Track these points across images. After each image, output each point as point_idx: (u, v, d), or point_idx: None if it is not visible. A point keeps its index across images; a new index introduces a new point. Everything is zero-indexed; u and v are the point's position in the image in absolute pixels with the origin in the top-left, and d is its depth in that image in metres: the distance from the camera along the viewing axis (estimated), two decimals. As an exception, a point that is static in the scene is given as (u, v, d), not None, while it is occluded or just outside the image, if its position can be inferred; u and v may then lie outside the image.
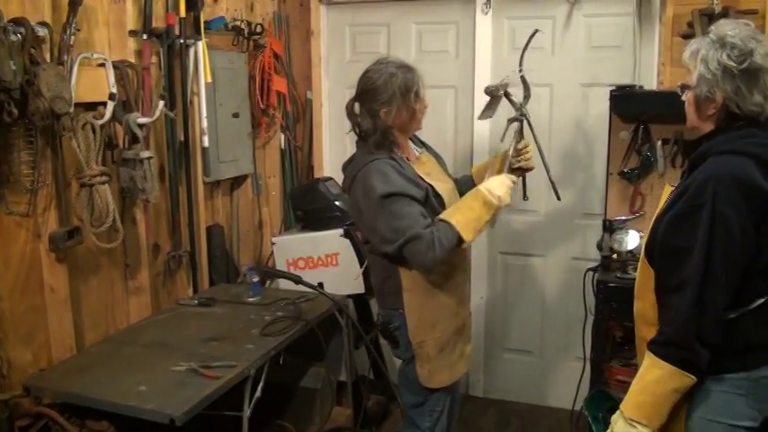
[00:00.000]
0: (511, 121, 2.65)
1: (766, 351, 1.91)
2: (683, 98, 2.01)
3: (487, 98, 2.66)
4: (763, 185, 1.82)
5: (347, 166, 2.62)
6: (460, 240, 2.41)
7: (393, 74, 2.49)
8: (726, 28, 1.90)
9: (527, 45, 2.69)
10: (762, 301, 1.89)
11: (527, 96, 2.69)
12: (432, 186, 2.53)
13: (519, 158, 2.68)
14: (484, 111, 2.64)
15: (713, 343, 1.83)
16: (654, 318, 1.99)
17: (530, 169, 2.73)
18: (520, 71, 2.68)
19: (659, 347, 1.88)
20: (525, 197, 2.79)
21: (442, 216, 2.45)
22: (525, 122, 2.65)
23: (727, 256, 1.81)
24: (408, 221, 2.39)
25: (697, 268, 1.81)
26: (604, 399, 2.40)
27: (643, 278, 2.06)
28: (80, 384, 2.43)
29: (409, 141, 2.70)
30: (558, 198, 2.79)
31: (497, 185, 2.49)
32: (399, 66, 2.53)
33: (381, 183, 2.41)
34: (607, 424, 2.01)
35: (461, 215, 2.44)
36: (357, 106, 2.59)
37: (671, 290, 1.89)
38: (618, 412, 1.95)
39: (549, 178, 2.72)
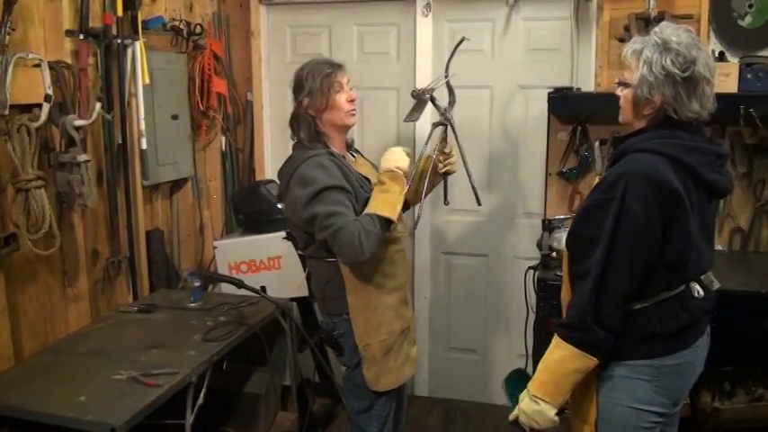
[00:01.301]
0: (435, 125, 2.70)
1: (670, 341, 2.01)
2: (619, 93, 2.07)
3: (414, 101, 2.68)
4: (674, 184, 1.90)
5: (283, 169, 2.61)
6: (384, 221, 2.43)
7: (309, 64, 2.59)
8: (669, 32, 1.96)
9: (453, 52, 2.72)
10: (667, 294, 1.99)
11: (452, 102, 2.74)
12: (371, 184, 2.57)
13: (445, 163, 2.72)
14: (410, 113, 2.66)
15: (612, 328, 1.94)
16: None
17: (451, 173, 2.77)
18: (446, 77, 2.72)
19: (562, 329, 2.00)
20: (446, 201, 2.83)
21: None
22: (449, 127, 2.69)
23: (630, 248, 1.90)
24: (343, 210, 2.40)
25: (600, 257, 1.91)
26: (524, 378, 2.48)
27: (566, 266, 2.15)
28: (18, 397, 2.36)
29: (345, 143, 2.71)
30: (479, 203, 2.83)
31: (389, 159, 2.56)
32: (323, 60, 2.62)
33: (323, 175, 2.42)
34: None
35: (375, 201, 2.48)
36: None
37: (579, 276, 2.00)
38: (525, 389, 2.06)
39: (471, 184, 2.76)
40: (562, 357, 1.98)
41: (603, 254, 1.91)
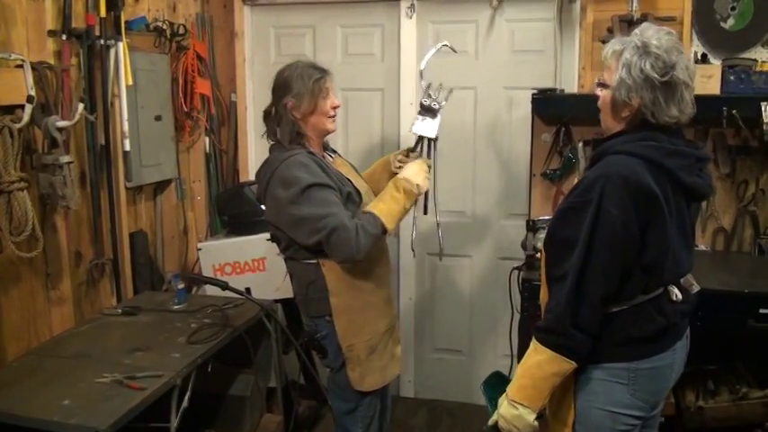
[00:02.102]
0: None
1: (646, 344, 2.01)
2: (598, 93, 2.06)
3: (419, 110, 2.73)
4: (652, 187, 1.89)
5: (261, 171, 2.60)
6: (384, 229, 2.45)
7: (296, 65, 2.57)
8: (650, 34, 1.95)
9: (430, 55, 2.76)
10: (643, 297, 1.99)
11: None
12: (351, 182, 2.57)
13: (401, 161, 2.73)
14: (420, 123, 2.69)
15: (590, 331, 1.93)
16: None
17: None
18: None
19: (540, 333, 1.99)
20: (425, 212, 2.83)
21: (365, 209, 2.49)
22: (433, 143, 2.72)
23: (607, 251, 1.90)
24: (334, 209, 2.40)
25: (577, 261, 1.90)
26: (502, 381, 2.48)
27: (543, 268, 2.14)
28: (1, 401, 2.34)
29: (322, 146, 2.71)
30: (425, 212, 2.84)
31: (415, 174, 2.57)
32: (309, 64, 2.61)
33: (305, 173, 2.41)
34: None
35: (384, 205, 2.50)
36: (273, 109, 2.60)
37: (555, 279, 1.99)
38: (504, 394, 2.06)
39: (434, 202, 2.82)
40: (540, 361, 1.97)
41: (581, 257, 1.90)
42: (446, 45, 2.77)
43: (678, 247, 2.02)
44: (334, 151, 2.82)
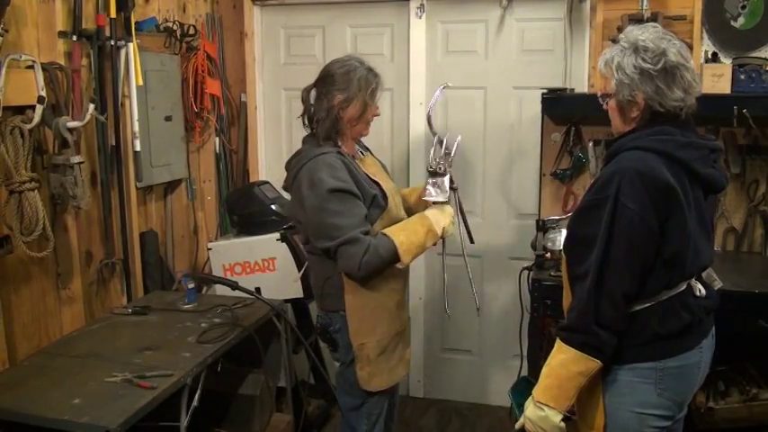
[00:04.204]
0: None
1: (672, 341, 1.99)
2: (605, 107, 2.08)
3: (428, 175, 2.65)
4: (668, 180, 1.89)
5: (291, 161, 2.59)
6: (397, 259, 2.45)
7: (356, 67, 2.55)
8: (635, 33, 1.98)
9: (434, 101, 2.69)
10: (668, 293, 1.98)
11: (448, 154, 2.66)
12: (379, 185, 2.56)
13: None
14: (431, 189, 2.61)
15: (613, 328, 1.92)
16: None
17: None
18: (432, 133, 2.67)
19: (563, 332, 1.98)
20: (471, 240, 2.84)
21: (386, 231, 2.48)
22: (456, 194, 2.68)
23: (627, 246, 1.89)
24: (352, 221, 2.40)
25: (597, 257, 1.90)
26: (529, 386, 2.45)
27: (564, 271, 2.13)
28: (12, 400, 2.35)
29: (355, 145, 2.71)
30: (472, 241, 2.85)
31: (443, 216, 2.58)
32: (363, 63, 2.59)
33: (330, 177, 2.41)
34: None
35: (405, 236, 2.48)
36: (313, 93, 2.58)
37: (577, 278, 1.98)
38: (530, 397, 2.04)
39: (465, 225, 2.81)
40: (564, 361, 1.95)
41: (600, 253, 1.89)
42: (448, 86, 2.71)
43: (698, 239, 2.01)
44: (366, 148, 2.82)
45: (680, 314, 1.98)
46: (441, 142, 2.61)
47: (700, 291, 2.03)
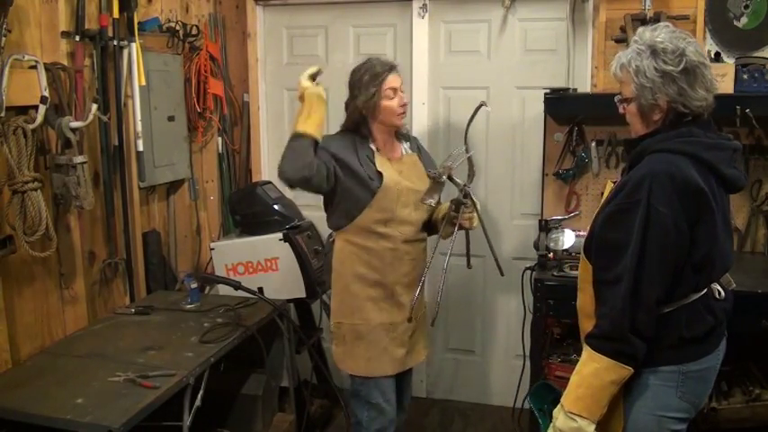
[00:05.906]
0: (455, 203, 2.67)
1: (695, 345, 1.98)
2: (622, 111, 2.05)
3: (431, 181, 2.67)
4: (699, 183, 1.86)
5: None
6: (297, 135, 2.60)
7: (365, 64, 2.70)
8: (649, 35, 1.95)
9: (472, 119, 2.60)
10: (695, 295, 1.96)
11: (471, 175, 2.67)
12: (380, 173, 2.66)
13: (463, 217, 2.71)
14: (427, 193, 2.65)
15: (647, 335, 1.88)
16: (593, 311, 2.02)
17: (466, 228, 2.78)
18: (467, 152, 2.63)
19: (595, 341, 1.93)
20: (502, 273, 2.82)
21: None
22: (471, 198, 2.67)
23: (660, 251, 1.86)
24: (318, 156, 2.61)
25: (631, 263, 1.86)
26: (547, 391, 2.44)
27: (583, 272, 2.10)
28: (15, 399, 2.35)
29: (400, 143, 2.83)
30: (502, 274, 2.82)
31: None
32: (377, 60, 2.72)
33: (326, 139, 2.67)
34: (551, 416, 2.04)
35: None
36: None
37: (607, 284, 1.93)
38: (559, 406, 1.99)
39: (494, 255, 2.81)
40: (597, 370, 1.90)
41: (634, 260, 1.85)
42: (484, 104, 2.65)
43: (723, 241, 1.99)
44: (408, 138, 2.92)
45: (705, 317, 1.97)
46: (468, 158, 2.64)
47: (719, 293, 2.01)
